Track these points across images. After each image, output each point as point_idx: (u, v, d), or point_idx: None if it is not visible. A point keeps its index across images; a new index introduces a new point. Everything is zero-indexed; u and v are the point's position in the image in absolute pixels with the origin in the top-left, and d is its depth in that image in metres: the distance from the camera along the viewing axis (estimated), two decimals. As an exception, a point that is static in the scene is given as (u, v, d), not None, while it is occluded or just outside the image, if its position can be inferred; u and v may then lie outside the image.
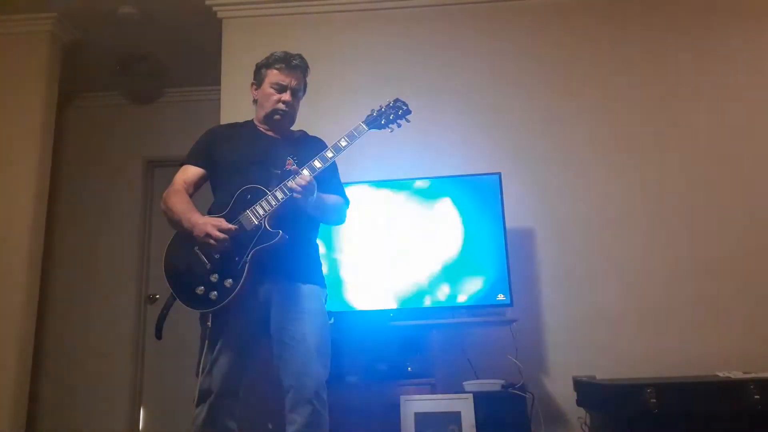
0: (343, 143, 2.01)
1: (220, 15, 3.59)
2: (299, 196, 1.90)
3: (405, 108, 2.11)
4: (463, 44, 3.47)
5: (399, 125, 2.11)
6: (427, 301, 2.79)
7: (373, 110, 2.10)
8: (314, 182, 1.93)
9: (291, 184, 1.90)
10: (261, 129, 2.17)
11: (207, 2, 3.56)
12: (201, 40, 3.84)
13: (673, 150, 3.23)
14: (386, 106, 2.10)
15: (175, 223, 1.98)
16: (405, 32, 3.51)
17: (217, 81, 3.52)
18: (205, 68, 4.03)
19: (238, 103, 2.91)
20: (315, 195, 1.94)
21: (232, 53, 3.52)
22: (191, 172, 2.10)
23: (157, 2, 3.59)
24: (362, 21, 3.55)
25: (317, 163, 1.97)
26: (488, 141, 3.29)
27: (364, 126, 2.06)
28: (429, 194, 2.91)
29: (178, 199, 2.00)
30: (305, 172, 1.93)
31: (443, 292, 2.78)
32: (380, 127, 2.08)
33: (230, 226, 1.88)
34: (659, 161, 3.22)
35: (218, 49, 3.56)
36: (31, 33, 3.69)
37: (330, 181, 2.12)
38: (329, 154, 1.99)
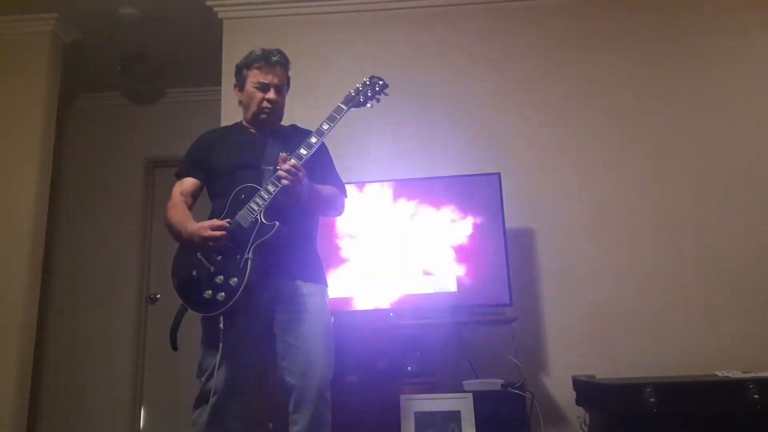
0: (325, 126, 2.03)
1: (220, 15, 3.60)
2: (288, 182, 1.89)
3: (381, 83, 2.15)
4: (462, 44, 3.47)
5: (378, 100, 2.15)
6: (427, 301, 2.79)
7: (350, 91, 2.14)
8: (302, 168, 1.92)
9: (279, 172, 1.90)
10: (251, 130, 2.17)
11: (207, 2, 3.57)
12: (201, 40, 3.85)
13: (674, 150, 3.23)
14: (363, 84, 2.15)
15: (176, 235, 1.99)
16: (407, 33, 3.51)
17: (217, 81, 3.53)
18: (205, 68, 4.03)
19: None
20: (305, 182, 1.93)
21: (232, 53, 3.50)
22: (187, 183, 2.11)
23: (158, 2, 3.59)
24: (362, 21, 3.55)
25: (303, 151, 1.98)
26: (488, 141, 3.30)
27: (343, 106, 2.09)
28: (429, 194, 2.91)
29: (176, 212, 2.02)
30: (292, 161, 1.93)
31: (443, 291, 2.78)
32: (359, 104, 2.12)
33: (222, 222, 1.89)
34: (660, 161, 3.22)
35: (219, 49, 3.56)
36: (33, 33, 3.70)
37: (325, 171, 2.12)
38: (313, 140, 2.00)
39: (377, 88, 2.14)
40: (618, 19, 3.45)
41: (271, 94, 2.10)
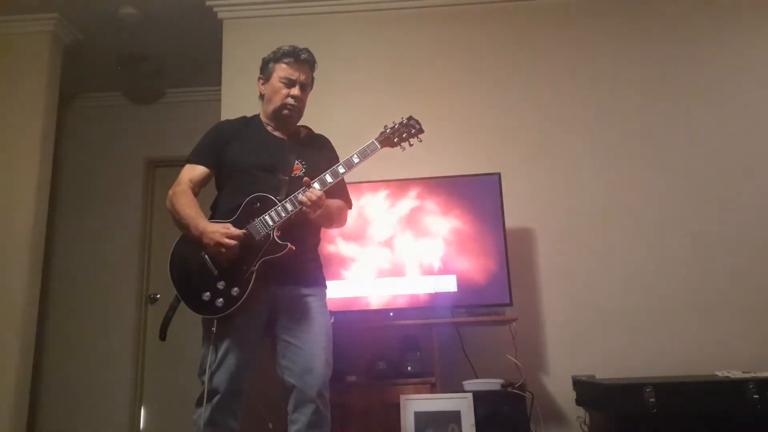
0: (356, 159, 2.03)
1: (220, 15, 3.60)
2: (309, 210, 1.91)
3: (418, 127, 2.14)
4: (463, 45, 3.47)
5: (411, 144, 2.14)
6: (427, 301, 2.79)
7: (386, 127, 2.12)
8: (324, 197, 1.94)
9: (302, 198, 1.91)
10: (269, 128, 2.16)
11: (207, 2, 3.57)
12: (201, 40, 3.85)
13: (673, 151, 3.24)
14: (399, 123, 2.13)
15: (182, 226, 1.98)
16: (406, 32, 3.51)
17: (217, 81, 3.53)
18: (205, 68, 4.04)
19: (238, 104, 2.92)
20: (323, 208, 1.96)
21: (232, 53, 3.52)
22: (198, 171, 2.08)
23: (158, 3, 3.60)
24: (363, 21, 3.56)
25: (329, 178, 1.98)
26: (488, 141, 3.30)
27: (377, 144, 2.08)
28: (429, 194, 2.91)
29: (187, 202, 1.99)
30: (316, 185, 1.94)
31: (443, 291, 2.78)
32: (393, 145, 2.11)
33: (239, 231, 1.88)
34: (659, 162, 3.23)
35: (218, 49, 3.57)
36: (33, 33, 3.71)
37: (335, 184, 2.13)
38: (341, 170, 2.01)
39: (413, 131, 2.13)
40: (618, 20, 3.45)
41: (296, 91, 2.11)
